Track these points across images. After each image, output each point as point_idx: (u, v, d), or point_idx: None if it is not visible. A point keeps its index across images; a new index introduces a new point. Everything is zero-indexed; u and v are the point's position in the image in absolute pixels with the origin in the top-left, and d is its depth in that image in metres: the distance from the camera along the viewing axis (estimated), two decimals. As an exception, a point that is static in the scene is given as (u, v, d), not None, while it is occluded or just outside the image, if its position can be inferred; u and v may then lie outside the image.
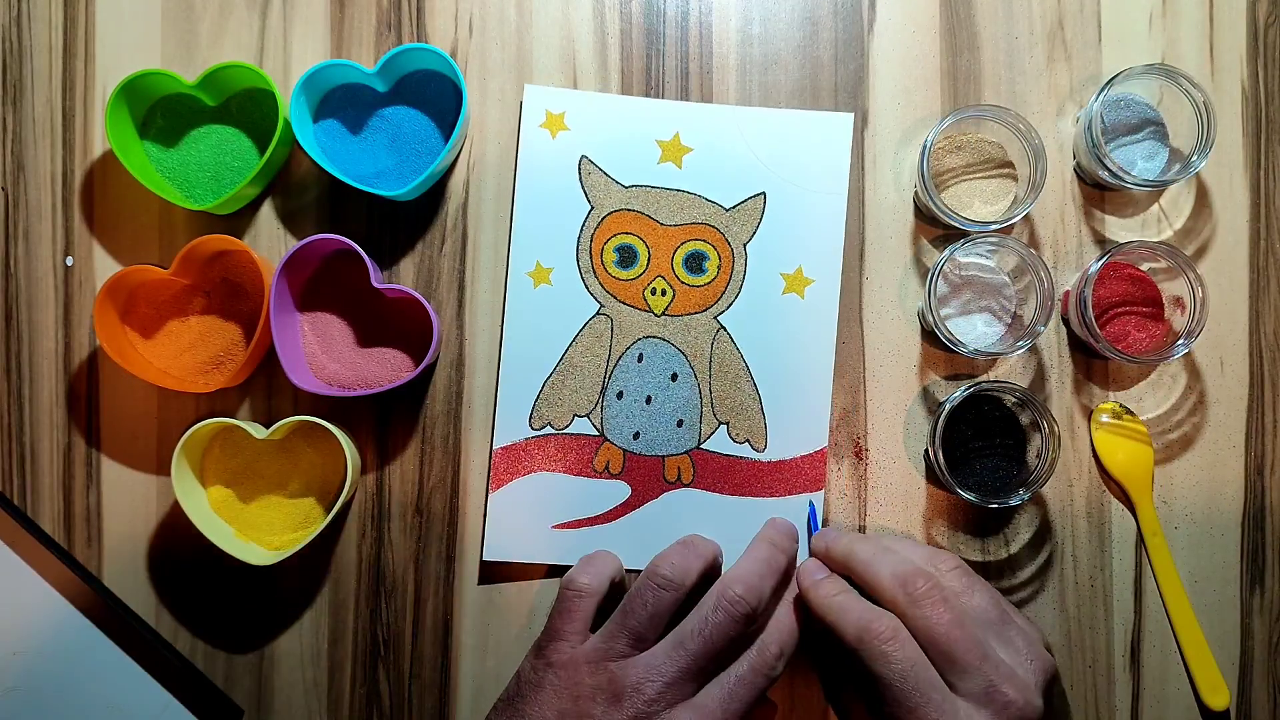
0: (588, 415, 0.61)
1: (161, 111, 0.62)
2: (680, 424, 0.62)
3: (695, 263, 0.62)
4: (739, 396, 0.62)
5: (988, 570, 0.61)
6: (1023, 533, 0.61)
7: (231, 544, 0.58)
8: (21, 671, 0.60)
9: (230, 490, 0.61)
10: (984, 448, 0.60)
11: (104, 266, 0.63)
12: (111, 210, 0.63)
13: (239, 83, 0.62)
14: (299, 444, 0.61)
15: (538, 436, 0.61)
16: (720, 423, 0.62)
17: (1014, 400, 0.59)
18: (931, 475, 0.61)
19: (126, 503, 0.62)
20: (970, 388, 0.57)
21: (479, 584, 0.61)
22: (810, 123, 0.62)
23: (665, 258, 0.62)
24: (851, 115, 0.62)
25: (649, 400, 0.62)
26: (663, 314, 0.62)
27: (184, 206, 0.60)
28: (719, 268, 0.62)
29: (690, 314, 0.62)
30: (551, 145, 0.62)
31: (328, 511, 0.60)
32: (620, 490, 0.61)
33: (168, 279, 0.60)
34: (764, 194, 0.62)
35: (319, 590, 0.61)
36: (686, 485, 0.61)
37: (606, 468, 0.61)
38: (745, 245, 0.62)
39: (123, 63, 0.63)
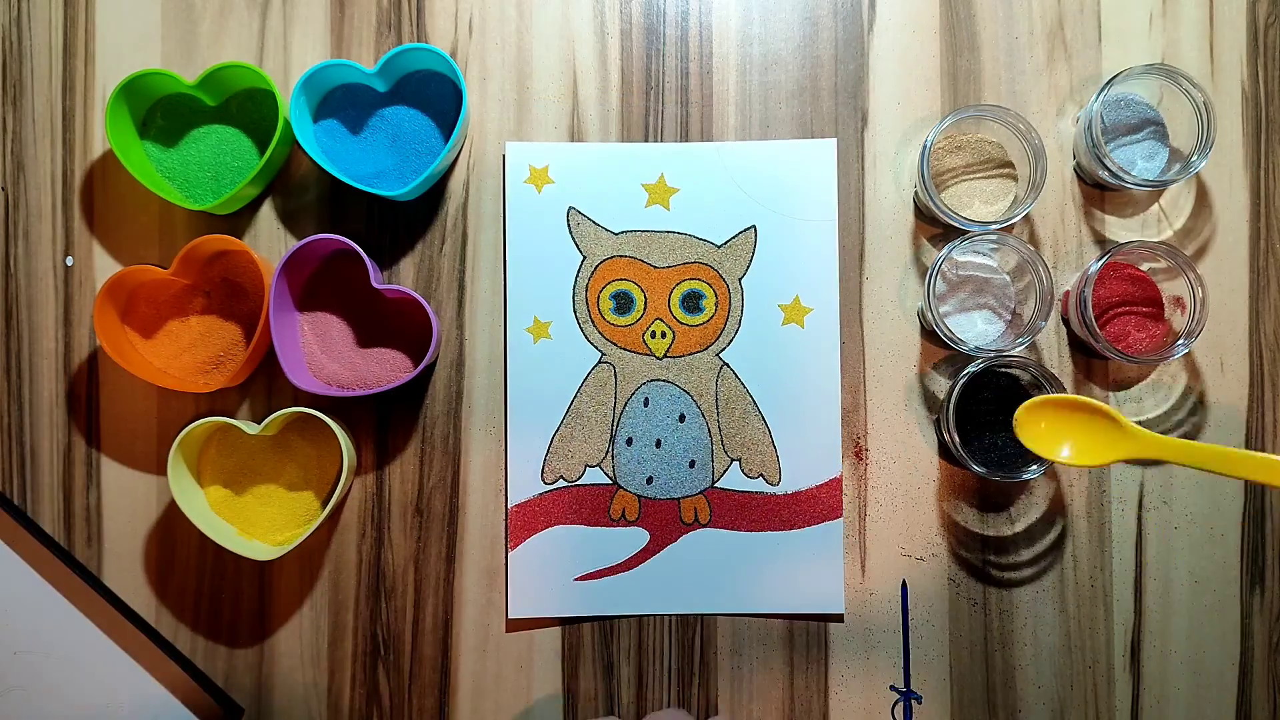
0: (599, 464, 0.61)
1: (161, 111, 0.62)
2: (692, 465, 0.61)
3: (692, 302, 0.62)
4: (748, 432, 0.61)
5: (987, 571, 0.61)
6: (1023, 533, 0.61)
7: (234, 542, 0.58)
8: (21, 671, 0.60)
9: (229, 489, 0.61)
10: (997, 425, 0.60)
11: (104, 266, 0.63)
12: (111, 210, 0.63)
13: (239, 83, 0.62)
14: (295, 439, 0.61)
15: (551, 490, 0.61)
16: (732, 460, 0.61)
17: (1029, 379, 0.59)
18: (945, 452, 0.61)
19: (126, 503, 0.62)
20: (984, 361, 0.57)
21: (507, 632, 0.61)
22: (793, 152, 0.62)
23: (662, 300, 0.62)
24: (834, 141, 0.62)
25: (659, 444, 0.62)
26: (664, 356, 0.62)
27: (184, 206, 0.60)
28: (716, 305, 0.62)
29: (692, 354, 0.62)
30: (538, 200, 0.62)
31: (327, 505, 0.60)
32: (639, 537, 0.61)
33: (168, 279, 0.60)
34: (754, 227, 0.62)
35: (319, 590, 0.61)
36: (704, 525, 0.61)
37: (623, 515, 0.61)
38: (740, 280, 0.62)
39: (123, 63, 0.63)
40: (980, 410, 0.59)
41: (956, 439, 0.57)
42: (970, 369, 0.57)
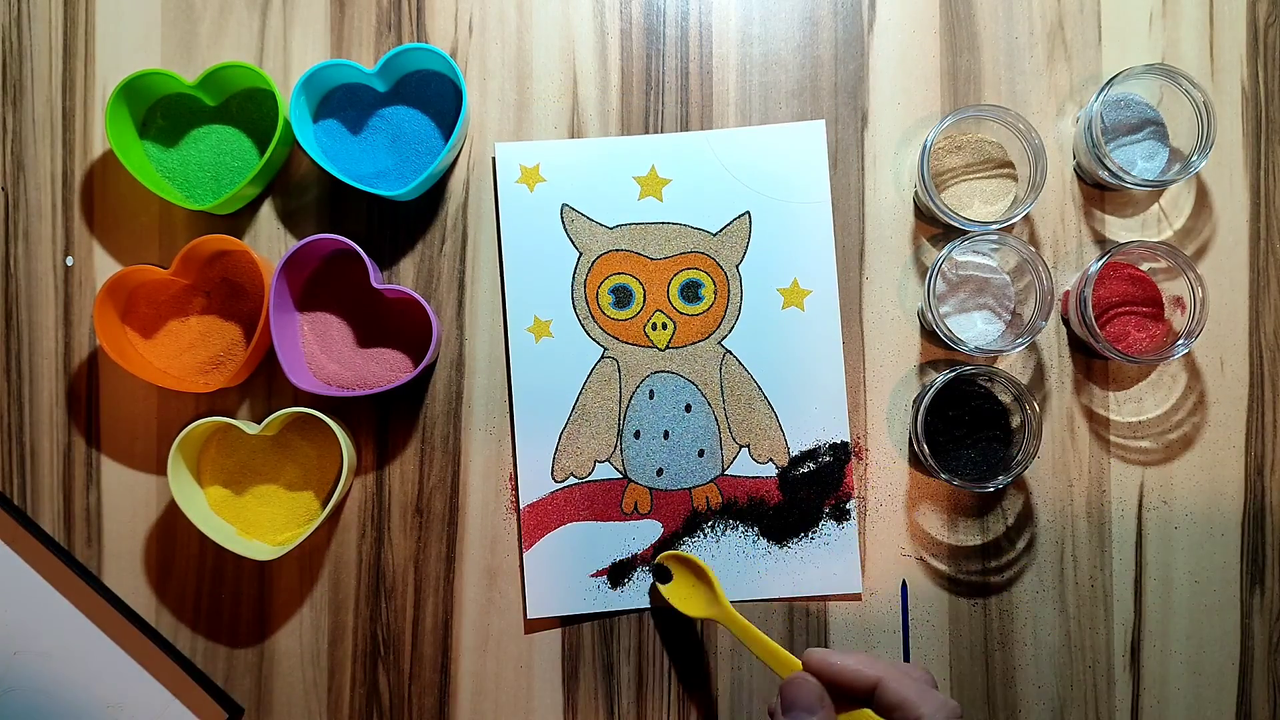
0: (608, 459, 0.61)
1: (161, 111, 0.62)
2: (701, 454, 0.61)
3: (691, 291, 0.62)
4: (755, 417, 0.61)
5: (986, 572, 0.61)
6: (1023, 533, 0.61)
7: (234, 542, 0.58)
8: (21, 671, 0.60)
9: (229, 489, 0.61)
10: (971, 435, 0.60)
11: (104, 266, 0.63)
12: (111, 210, 0.63)
13: (239, 83, 0.62)
14: (295, 439, 0.61)
15: (562, 488, 0.61)
16: (740, 446, 0.61)
17: (1002, 389, 0.59)
18: (916, 462, 0.61)
19: (126, 503, 0.62)
20: (954, 370, 0.57)
21: (525, 634, 0.61)
22: (782, 135, 0.62)
23: (660, 291, 0.62)
24: (822, 122, 0.62)
25: (666, 435, 0.62)
26: (666, 347, 0.62)
27: (184, 206, 0.60)
28: (715, 293, 0.62)
29: (694, 343, 0.62)
30: (531, 199, 0.62)
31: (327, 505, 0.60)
32: (652, 529, 0.61)
33: (168, 279, 0.60)
34: (748, 213, 0.62)
35: (319, 590, 0.61)
36: (716, 515, 0.61)
37: (635, 508, 0.61)
38: (738, 266, 0.62)
39: (123, 63, 0.63)
40: (956, 418, 0.60)
41: (926, 449, 0.57)
42: (940, 379, 0.57)
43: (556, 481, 0.61)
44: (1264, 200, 0.62)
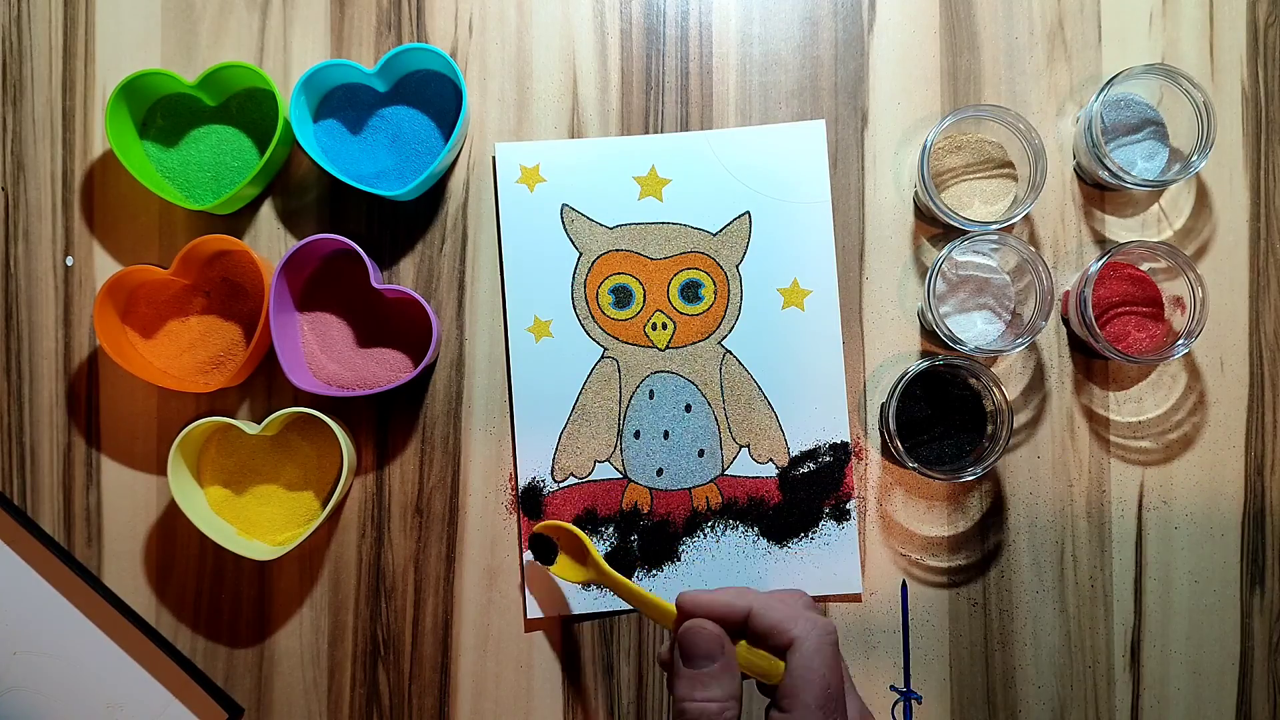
0: (608, 459, 0.61)
1: (161, 111, 0.62)
2: (701, 454, 0.61)
3: (691, 291, 0.62)
4: (755, 417, 0.61)
5: (987, 575, 0.61)
6: (1022, 533, 0.61)
7: (235, 543, 0.58)
8: (21, 671, 0.60)
9: (229, 489, 0.61)
10: (948, 426, 0.60)
11: (104, 266, 0.63)
12: (111, 210, 0.63)
13: (239, 83, 0.62)
14: (295, 439, 0.61)
15: (562, 489, 0.61)
16: (740, 446, 0.61)
17: (977, 381, 0.59)
18: (887, 452, 0.61)
19: (126, 503, 0.62)
20: (927, 361, 0.57)
21: (525, 634, 0.61)
22: (782, 135, 0.62)
23: (660, 291, 0.62)
24: (822, 122, 0.62)
25: (666, 435, 0.62)
26: (666, 347, 0.62)
27: (184, 206, 0.60)
28: (715, 293, 0.62)
29: (694, 343, 0.62)
30: (531, 199, 0.62)
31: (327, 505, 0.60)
32: None
33: (168, 279, 0.60)
34: (748, 213, 0.62)
35: (319, 590, 0.61)
36: (717, 514, 0.61)
37: (635, 508, 0.61)
38: (738, 266, 0.62)
39: (123, 63, 0.63)
40: (929, 409, 0.60)
41: (896, 438, 0.57)
42: (912, 369, 0.57)
43: (556, 481, 0.61)
44: (1264, 200, 0.62)
